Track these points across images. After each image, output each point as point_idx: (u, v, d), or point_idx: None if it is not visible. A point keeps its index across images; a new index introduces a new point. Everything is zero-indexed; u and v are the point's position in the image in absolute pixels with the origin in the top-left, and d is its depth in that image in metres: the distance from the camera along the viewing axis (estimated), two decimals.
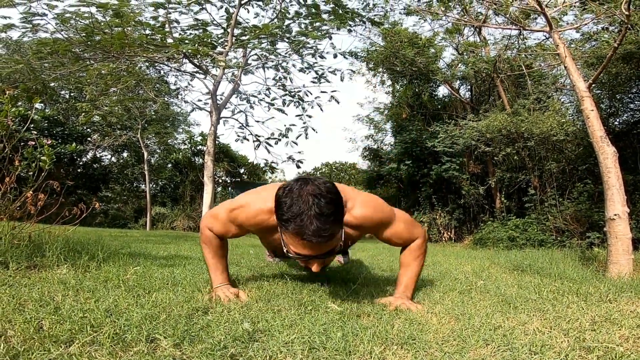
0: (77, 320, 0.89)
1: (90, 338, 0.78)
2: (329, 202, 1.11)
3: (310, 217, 1.08)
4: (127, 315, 0.95)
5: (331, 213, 1.11)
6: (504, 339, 0.92)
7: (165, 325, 0.91)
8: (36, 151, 2.43)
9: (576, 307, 1.38)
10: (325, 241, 1.12)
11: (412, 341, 0.91)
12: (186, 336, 0.83)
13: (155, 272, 1.77)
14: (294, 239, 1.13)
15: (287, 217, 1.11)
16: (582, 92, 4.23)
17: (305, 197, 1.10)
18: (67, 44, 6.96)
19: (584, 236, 6.14)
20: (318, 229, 1.08)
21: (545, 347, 0.87)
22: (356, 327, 0.96)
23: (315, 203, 1.09)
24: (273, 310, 1.12)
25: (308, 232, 1.08)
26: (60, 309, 1.01)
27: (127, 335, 0.81)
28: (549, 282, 2.14)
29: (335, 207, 1.13)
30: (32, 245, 1.98)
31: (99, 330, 0.83)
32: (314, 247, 1.12)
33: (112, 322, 0.89)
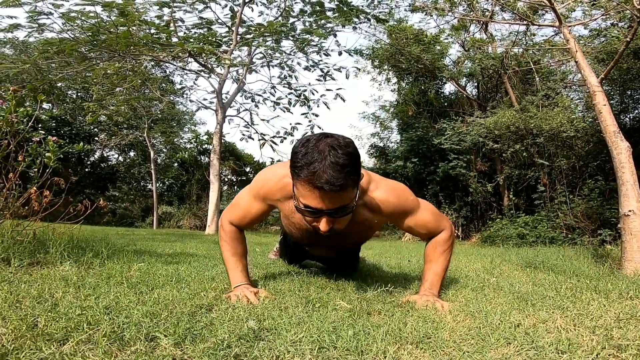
0: (73, 317, 0.84)
1: (86, 336, 0.74)
2: (346, 154, 1.08)
3: (324, 165, 1.04)
4: (127, 313, 0.91)
5: (347, 164, 1.07)
6: (527, 337, 0.87)
7: (166, 323, 0.86)
8: (40, 147, 2.40)
9: (597, 304, 1.32)
10: (338, 191, 1.07)
11: (427, 340, 0.85)
12: (188, 335, 0.79)
13: (159, 269, 1.73)
14: (305, 188, 1.09)
15: (300, 164, 1.07)
16: (594, 86, 4.14)
17: (322, 147, 1.07)
18: (73, 43, 6.97)
19: (595, 233, 6.03)
20: (331, 177, 1.04)
21: (573, 345, 0.81)
22: (367, 326, 0.91)
23: (331, 153, 1.06)
24: (280, 308, 1.07)
25: (320, 180, 1.04)
26: (58, 305, 0.97)
27: (125, 333, 0.77)
28: (563, 279, 2.07)
29: (352, 160, 1.09)
30: (36, 242, 1.96)
31: (96, 328, 0.78)
32: (325, 197, 1.08)
33: (110, 319, 0.85)
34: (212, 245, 4.07)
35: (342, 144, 1.09)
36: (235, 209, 1.45)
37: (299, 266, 2.04)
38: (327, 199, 1.08)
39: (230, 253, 1.42)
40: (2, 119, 2.26)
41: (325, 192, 1.06)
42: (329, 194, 1.07)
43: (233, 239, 1.44)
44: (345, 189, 1.08)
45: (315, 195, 1.08)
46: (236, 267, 1.40)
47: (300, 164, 1.07)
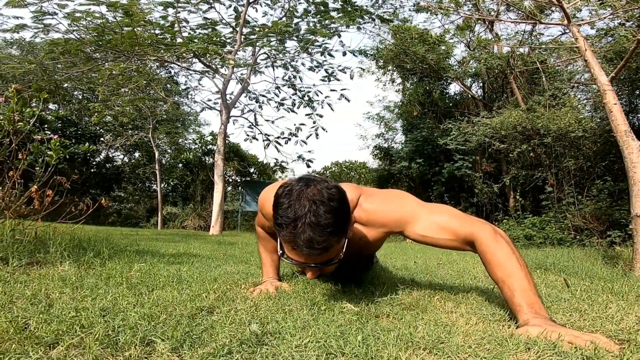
0: (66, 319, 0.80)
1: (78, 340, 0.70)
2: (329, 210, 0.98)
3: (304, 225, 0.96)
4: (124, 315, 0.86)
5: (329, 224, 0.98)
6: (547, 341, 0.81)
7: (164, 326, 0.82)
8: (42, 146, 2.38)
9: (616, 306, 1.26)
10: (318, 254, 1.00)
11: (441, 345, 0.80)
12: (186, 339, 0.74)
13: (161, 270, 1.69)
14: (287, 245, 1.03)
15: (280, 221, 1.00)
16: (604, 85, 4.06)
17: (302, 202, 0.98)
18: (78, 43, 6.98)
19: (604, 235, 5.93)
20: (310, 239, 0.97)
21: (599, 350, 0.75)
22: (376, 330, 0.86)
23: (312, 210, 0.97)
24: (284, 310, 1.02)
25: (299, 242, 0.97)
26: (53, 307, 0.92)
27: (120, 337, 0.72)
28: (576, 281, 2.01)
29: (335, 217, 0.99)
30: (36, 242, 1.92)
31: (89, 331, 0.74)
32: (308, 256, 1.01)
33: (105, 322, 0.80)
34: (216, 245, 4.04)
35: (324, 199, 0.99)
36: (259, 215, 1.51)
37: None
38: (310, 257, 1.03)
39: (262, 249, 1.56)
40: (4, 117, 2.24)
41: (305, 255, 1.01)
42: (311, 255, 1.01)
43: (262, 237, 1.55)
44: (328, 249, 1.01)
45: (297, 253, 1.02)
46: (265, 262, 1.55)
47: (280, 221, 1.00)
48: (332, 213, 0.99)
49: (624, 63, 4.20)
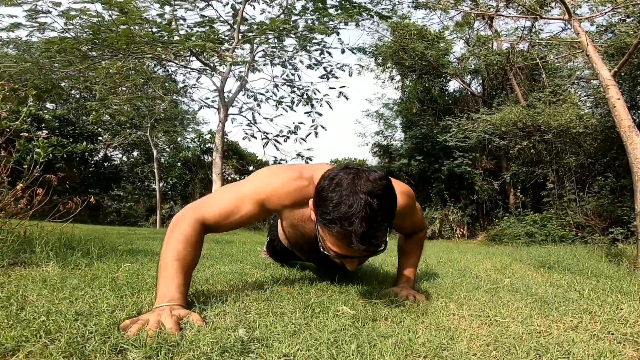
0: (34, 324, 0.73)
1: (41, 347, 0.63)
2: (384, 205, 0.93)
3: (360, 221, 0.90)
4: (98, 320, 0.79)
5: (384, 218, 0.94)
6: (559, 348, 0.74)
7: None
8: (30, 144, 2.31)
9: (628, 307, 1.19)
10: (374, 249, 0.96)
11: (442, 352, 0.73)
12: (163, 346, 0.67)
13: (150, 270, 1.62)
14: (335, 240, 0.96)
15: (332, 217, 0.92)
16: (607, 80, 3.99)
17: (357, 196, 0.91)
18: (74, 42, 6.90)
19: (606, 232, 5.87)
20: (368, 235, 0.91)
21: (618, 357, 0.69)
22: (373, 336, 0.79)
23: (369, 205, 0.91)
24: (275, 313, 0.95)
25: (356, 238, 0.91)
26: (25, 310, 0.86)
27: (89, 344, 0.65)
28: (582, 279, 1.94)
29: (390, 210, 0.96)
30: (21, 241, 1.85)
31: (55, 337, 0.67)
32: (359, 251, 0.95)
33: (76, 327, 0.73)
34: (213, 244, 3.96)
35: (379, 191, 0.93)
36: (215, 204, 1.14)
37: (288, 265, 2.00)
38: (361, 252, 0.98)
39: (175, 257, 1.04)
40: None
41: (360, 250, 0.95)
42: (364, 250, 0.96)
43: (189, 240, 1.07)
44: (381, 244, 0.98)
45: (349, 249, 0.96)
46: (173, 278, 1.00)
47: (331, 217, 0.93)
48: (388, 207, 0.95)
49: (626, 58, 4.13)
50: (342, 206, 0.91)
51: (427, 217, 8.85)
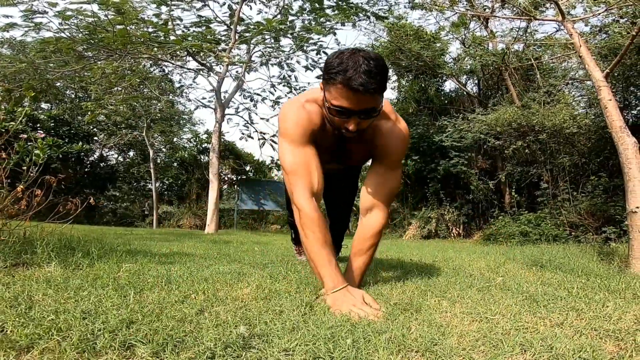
0: (44, 322, 0.77)
1: (54, 344, 0.66)
2: (377, 64, 1.18)
3: (359, 72, 1.14)
4: (105, 318, 0.83)
5: (378, 72, 1.17)
6: (544, 343, 0.79)
7: (148, 328, 0.78)
8: (29, 145, 2.33)
9: (613, 305, 1.24)
10: (371, 94, 1.17)
11: (434, 347, 0.77)
12: (169, 342, 0.71)
13: (150, 270, 1.66)
14: (339, 90, 1.18)
15: (336, 70, 1.17)
16: (599, 81, 4.05)
17: (356, 57, 1.17)
18: (70, 42, 6.89)
19: (599, 231, 5.94)
20: (365, 81, 1.15)
21: (597, 352, 0.73)
22: (368, 331, 0.83)
23: (365, 62, 1.16)
24: (274, 311, 0.99)
25: (356, 82, 1.14)
26: (33, 309, 0.89)
27: (99, 341, 0.69)
28: (573, 278, 1.99)
29: (382, 69, 1.19)
30: (23, 242, 1.88)
31: (67, 334, 0.70)
32: (357, 99, 1.17)
33: (85, 325, 0.77)
34: (210, 244, 3.99)
35: (373, 56, 1.19)
36: (298, 172, 1.30)
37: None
38: (359, 101, 1.18)
39: (320, 243, 1.21)
40: None
41: (358, 94, 1.16)
42: (362, 96, 1.17)
43: (317, 222, 1.23)
44: (375, 93, 1.19)
45: (349, 96, 1.17)
46: (329, 262, 1.20)
47: (335, 71, 1.17)
48: (380, 67, 1.19)
49: (619, 59, 4.19)
50: (343, 64, 1.17)
51: (423, 217, 8.90)
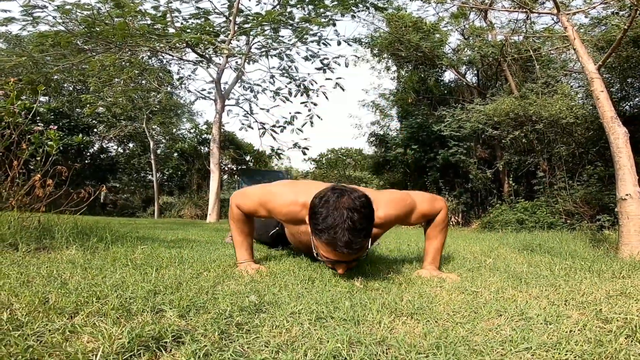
0: (83, 294, 0.88)
1: (96, 309, 0.78)
2: (362, 217, 1.17)
3: (343, 230, 1.14)
4: (133, 289, 0.94)
5: (363, 228, 1.17)
6: (517, 309, 0.90)
7: (171, 297, 0.90)
8: (43, 136, 2.43)
9: (589, 282, 1.35)
10: (355, 253, 1.19)
11: (421, 312, 0.89)
12: (192, 307, 0.82)
13: (162, 252, 1.77)
14: (326, 247, 1.20)
15: (321, 227, 1.17)
16: (592, 73, 4.14)
17: (340, 211, 1.15)
18: (68, 36, 6.93)
19: (594, 219, 6.07)
20: (350, 241, 1.14)
21: (561, 317, 0.85)
22: (364, 299, 0.95)
23: (349, 217, 1.14)
24: (280, 285, 1.11)
25: (340, 244, 1.14)
26: (68, 284, 1.00)
27: (133, 306, 0.80)
28: (559, 260, 2.11)
29: (367, 222, 1.19)
30: (41, 229, 1.99)
31: (105, 302, 0.82)
32: (343, 255, 1.19)
33: (118, 295, 0.88)
34: (213, 232, 4.12)
35: (358, 207, 1.17)
36: (246, 200, 1.53)
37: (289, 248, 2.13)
38: (345, 256, 1.20)
39: (237, 232, 1.56)
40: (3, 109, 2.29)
41: (344, 254, 1.18)
42: (347, 254, 1.18)
43: (240, 220, 1.55)
44: (362, 249, 1.21)
45: (335, 253, 1.20)
46: (241, 245, 1.55)
47: (321, 227, 1.17)
48: (365, 219, 1.18)
49: (610, 51, 4.26)
50: (329, 218, 1.15)
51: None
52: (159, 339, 0.65)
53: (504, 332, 0.77)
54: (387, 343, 0.70)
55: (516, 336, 0.73)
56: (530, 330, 0.77)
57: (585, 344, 0.70)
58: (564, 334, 0.76)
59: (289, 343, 0.67)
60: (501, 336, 0.75)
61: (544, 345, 0.69)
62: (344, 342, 0.66)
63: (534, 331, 0.77)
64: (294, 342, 0.68)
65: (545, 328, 0.80)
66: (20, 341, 0.58)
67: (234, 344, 0.66)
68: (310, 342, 0.67)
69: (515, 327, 0.81)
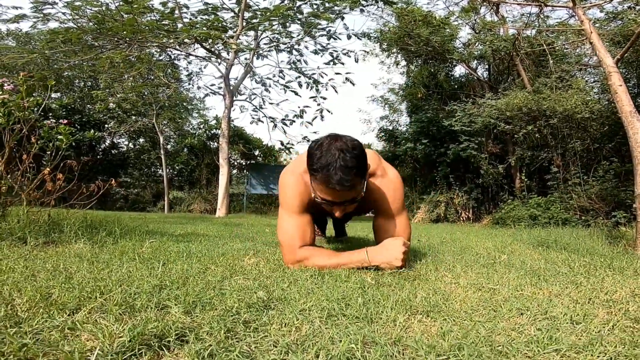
0: (86, 288, 0.85)
1: (98, 305, 0.75)
2: (353, 156, 1.24)
3: (335, 168, 1.21)
4: (139, 284, 0.91)
5: (354, 166, 1.24)
6: (540, 308, 0.85)
7: (177, 292, 0.87)
8: (52, 131, 2.43)
9: (612, 280, 1.30)
10: (348, 190, 1.25)
11: (437, 310, 0.85)
12: (198, 303, 0.79)
13: (170, 247, 1.75)
14: (320, 186, 1.28)
15: (316, 167, 1.25)
16: (610, 67, 4.03)
17: (333, 151, 1.23)
18: (79, 32, 6.97)
19: (609, 215, 5.93)
20: (341, 179, 1.21)
21: (588, 316, 0.80)
22: (377, 295, 0.90)
23: (341, 157, 1.22)
24: (289, 280, 1.07)
25: (332, 181, 1.22)
26: (72, 278, 0.98)
27: (137, 302, 0.77)
28: (577, 257, 2.04)
29: (358, 161, 1.25)
30: (50, 223, 1.99)
31: (108, 297, 0.79)
32: (337, 194, 1.26)
33: (122, 290, 0.86)
34: (222, 227, 4.11)
35: (349, 148, 1.25)
36: (292, 240, 1.41)
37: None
38: (339, 195, 1.27)
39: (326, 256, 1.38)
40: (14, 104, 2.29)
41: (337, 191, 1.24)
42: (340, 192, 1.25)
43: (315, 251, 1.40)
44: (354, 187, 1.26)
45: (329, 192, 1.27)
46: (337, 255, 1.38)
47: (315, 167, 1.25)
48: (356, 158, 1.25)
49: (629, 45, 4.14)
50: (322, 159, 1.24)
51: (432, 201, 8.93)
52: (162, 337, 0.61)
53: (528, 332, 0.73)
54: (403, 343, 0.65)
55: (542, 336, 0.68)
56: (557, 330, 0.73)
57: (619, 345, 0.65)
58: (594, 335, 0.71)
59: (299, 343, 0.63)
60: (525, 336, 0.70)
61: (575, 346, 0.64)
62: (357, 342, 0.62)
63: (561, 331, 0.72)
64: (304, 341, 0.64)
65: (573, 328, 0.75)
66: (15, 339, 0.55)
67: (240, 343, 0.62)
68: (322, 342, 0.63)
69: (539, 326, 0.76)
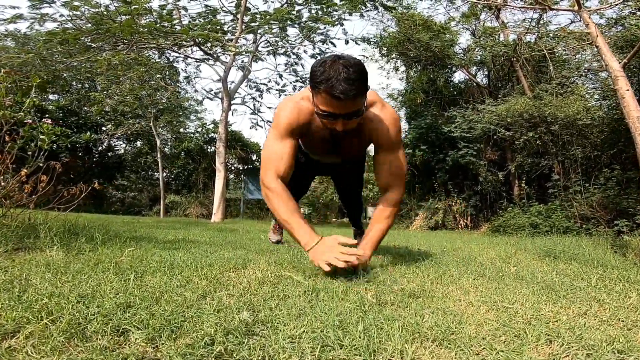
0: (35, 306, 0.72)
1: (41, 327, 0.62)
2: (356, 70, 1.30)
3: (339, 80, 1.27)
4: (100, 302, 0.78)
5: (357, 78, 1.30)
6: (571, 333, 0.73)
7: (145, 312, 0.74)
8: (34, 130, 2.30)
9: (636, 296, 1.17)
10: (351, 99, 1.30)
11: (451, 336, 0.72)
12: (165, 328, 0.66)
13: (154, 255, 1.62)
14: (324, 98, 1.32)
15: (320, 79, 1.30)
16: (616, 71, 3.93)
17: (336, 66, 1.29)
18: (77, 33, 6.85)
19: (611, 224, 5.82)
20: (345, 89, 1.27)
21: (631, 343, 0.67)
22: (379, 319, 0.78)
23: (344, 70, 1.28)
24: (279, 297, 0.94)
25: (336, 91, 1.27)
26: (27, 293, 0.85)
27: (90, 325, 0.64)
28: (588, 269, 1.92)
29: (360, 74, 1.31)
30: (25, 227, 1.85)
31: (57, 318, 0.66)
32: (341, 104, 1.31)
33: (79, 309, 0.72)
34: (216, 232, 3.97)
35: (352, 63, 1.31)
36: (271, 159, 1.50)
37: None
38: (342, 106, 1.32)
39: (288, 213, 1.43)
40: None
41: (341, 100, 1.29)
42: (344, 101, 1.30)
43: (282, 195, 1.45)
44: (356, 97, 1.32)
45: (333, 103, 1.31)
46: (300, 225, 1.41)
47: (319, 79, 1.31)
48: (358, 72, 1.31)
49: (636, 49, 4.06)
50: (325, 72, 1.29)
51: (431, 208, 8.81)
52: None
53: None
54: None
55: None
56: None
57: None
58: None
59: None
60: None
61: None
62: None
63: None
64: None
65: None
66: None
67: None
68: None
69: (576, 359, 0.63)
